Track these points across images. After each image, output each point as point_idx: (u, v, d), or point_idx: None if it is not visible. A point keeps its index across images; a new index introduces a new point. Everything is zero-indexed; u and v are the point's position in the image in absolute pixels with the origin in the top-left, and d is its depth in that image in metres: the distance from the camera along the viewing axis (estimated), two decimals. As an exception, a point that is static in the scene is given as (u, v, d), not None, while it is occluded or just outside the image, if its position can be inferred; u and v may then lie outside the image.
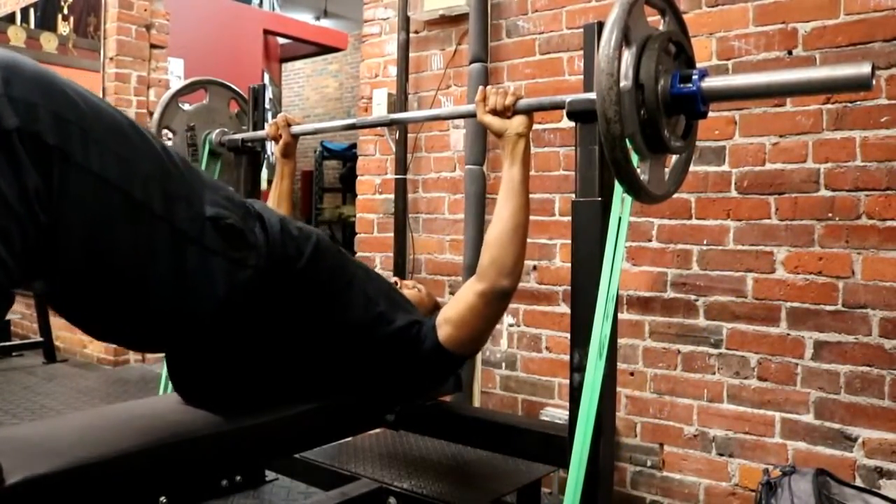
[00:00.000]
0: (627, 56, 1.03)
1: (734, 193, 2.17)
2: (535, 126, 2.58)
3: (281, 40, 7.25)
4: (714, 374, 2.20)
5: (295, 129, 1.92)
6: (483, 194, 2.64)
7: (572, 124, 1.46)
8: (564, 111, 1.41)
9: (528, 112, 1.45)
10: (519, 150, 1.43)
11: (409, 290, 1.70)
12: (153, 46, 4.39)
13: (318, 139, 9.13)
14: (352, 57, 8.49)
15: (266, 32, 6.61)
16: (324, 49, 7.61)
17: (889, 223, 1.93)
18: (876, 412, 1.94)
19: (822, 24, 2.02)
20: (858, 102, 1.97)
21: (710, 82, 1.08)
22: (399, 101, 2.91)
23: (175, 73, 5.41)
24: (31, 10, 5.19)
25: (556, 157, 2.54)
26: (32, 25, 5.26)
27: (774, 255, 2.10)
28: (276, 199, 2.00)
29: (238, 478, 1.96)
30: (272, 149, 2.07)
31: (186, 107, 2.31)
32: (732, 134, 2.18)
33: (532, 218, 2.59)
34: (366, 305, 1.42)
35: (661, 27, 1.18)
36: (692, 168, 2.23)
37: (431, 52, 2.88)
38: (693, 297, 2.24)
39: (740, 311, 2.15)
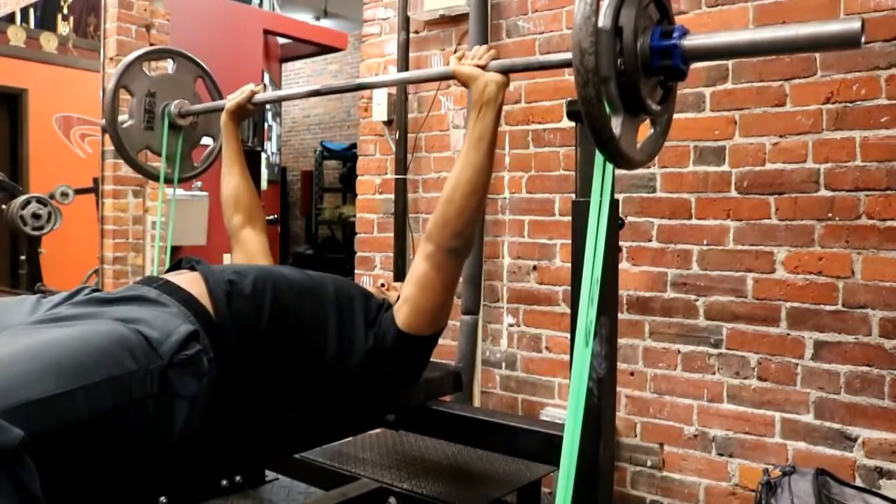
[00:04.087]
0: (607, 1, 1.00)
1: (734, 193, 2.17)
2: (536, 126, 2.59)
3: (281, 40, 7.24)
4: (714, 374, 2.20)
5: (257, 97, 1.88)
6: (483, 194, 2.63)
7: (572, 124, 1.45)
8: (564, 112, 1.41)
9: (505, 71, 1.37)
10: (491, 103, 1.34)
11: (398, 291, 1.67)
12: (153, 46, 4.38)
13: (318, 139, 9.14)
14: (352, 57, 8.48)
15: (266, 32, 6.60)
16: (324, 49, 7.60)
17: (889, 223, 1.93)
18: (876, 412, 1.94)
19: (822, 24, 2.02)
20: (858, 102, 1.97)
21: (692, 39, 1.03)
22: (399, 100, 2.91)
23: (175, 73, 5.41)
24: (31, 10, 5.19)
25: (556, 157, 2.54)
26: (32, 25, 5.26)
27: (774, 255, 2.10)
28: (226, 165, 1.89)
29: (238, 478, 1.96)
30: (271, 148, 2.03)
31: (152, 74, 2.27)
32: (732, 134, 2.18)
33: (532, 218, 2.61)
34: (339, 338, 1.37)
35: None
36: (692, 168, 2.24)
37: (431, 52, 2.88)
38: (693, 297, 2.24)
39: (740, 311, 2.15)
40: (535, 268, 2.60)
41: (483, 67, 1.36)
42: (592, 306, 1.11)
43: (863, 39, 0.89)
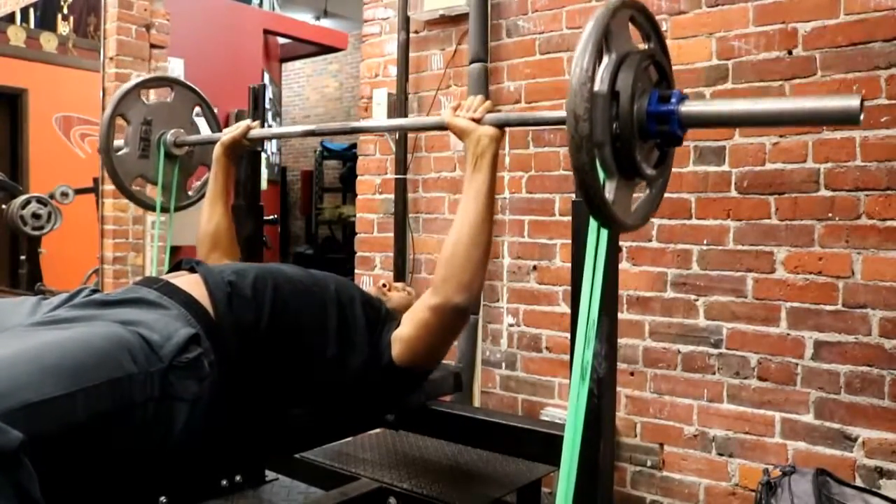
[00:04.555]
0: (606, 61, 0.98)
1: (734, 193, 2.17)
2: (536, 126, 2.58)
3: (281, 40, 7.25)
4: (714, 374, 2.20)
5: (253, 133, 1.85)
6: (483, 194, 2.64)
7: (572, 124, 1.45)
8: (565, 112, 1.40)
9: (500, 125, 1.35)
10: (486, 156, 1.32)
11: (399, 292, 1.66)
12: (153, 46, 4.38)
13: (318, 139, 9.14)
14: (352, 57, 8.49)
15: (266, 32, 6.61)
16: (324, 49, 7.61)
17: (889, 223, 1.93)
18: (876, 412, 1.94)
19: (823, 24, 2.02)
20: (858, 102, 1.97)
21: (689, 106, 1.02)
22: (399, 101, 2.91)
23: (175, 72, 5.41)
24: (31, 10, 5.19)
25: (556, 157, 2.54)
26: (32, 25, 5.26)
27: (774, 255, 2.10)
28: (210, 200, 1.85)
29: (238, 478, 1.96)
30: (272, 148, 2.01)
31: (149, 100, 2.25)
32: (732, 134, 2.18)
33: (532, 218, 2.61)
34: (339, 337, 1.36)
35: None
36: (692, 168, 2.24)
37: (431, 52, 2.88)
38: (693, 297, 2.24)
39: (740, 311, 2.15)
40: (535, 268, 2.60)
41: (478, 121, 1.34)
42: (593, 306, 1.11)
43: (861, 117, 0.89)
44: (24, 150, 5.55)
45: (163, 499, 1.47)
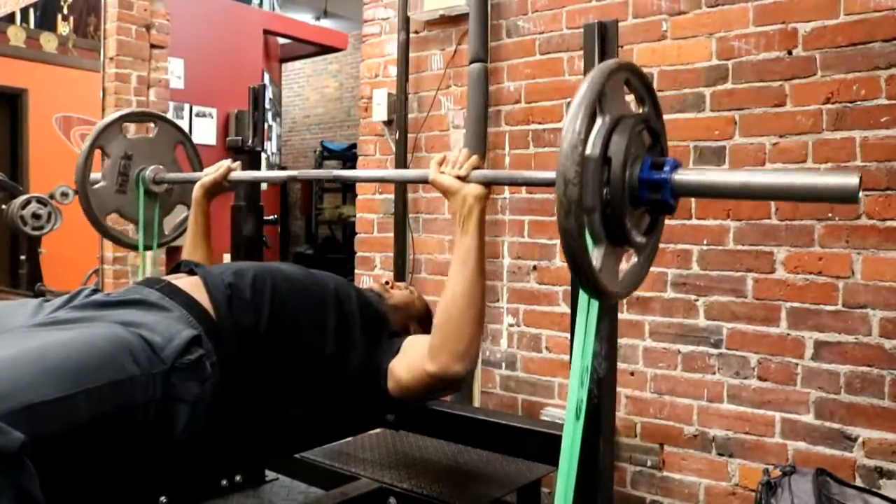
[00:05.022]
0: (599, 124, 0.95)
1: (734, 193, 2.17)
2: (536, 126, 2.59)
3: (281, 40, 7.25)
4: (714, 374, 2.20)
5: (233, 175, 1.80)
6: (483, 194, 2.64)
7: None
8: (565, 112, 1.40)
9: (486, 183, 1.30)
10: (474, 216, 1.27)
11: (401, 290, 1.66)
12: (153, 46, 4.39)
13: (318, 139, 9.14)
14: (352, 57, 8.49)
15: (266, 32, 6.61)
16: (324, 49, 7.61)
17: (889, 223, 1.93)
18: (876, 412, 1.94)
19: (822, 25, 2.02)
20: (858, 102, 1.97)
21: (683, 174, 0.98)
22: (399, 101, 2.91)
23: (175, 73, 5.42)
24: (31, 10, 5.19)
25: (556, 158, 2.54)
26: (32, 25, 5.26)
27: (774, 255, 2.10)
28: (191, 242, 1.80)
29: (238, 478, 1.96)
30: (271, 148, 1.99)
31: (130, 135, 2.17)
32: (732, 134, 2.18)
33: (532, 218, 2.61)
34: (338, 335, 1.36)
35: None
36: (692, 168, 2.23)
37: (431, 52, 2.88)
38: (693, 297, 2.24)
39: (740, 311, 2.15)
40: (535, 268, 2.60)
41: (464, 178, 1.29)
42: (592, 308, 1.10)
43: (860, 195, 0.87)
44: (24, 150, 5.55)
45: (163, 499, 1.47)
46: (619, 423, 2.35)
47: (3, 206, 4.85)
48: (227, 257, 2.67)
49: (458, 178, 1.29)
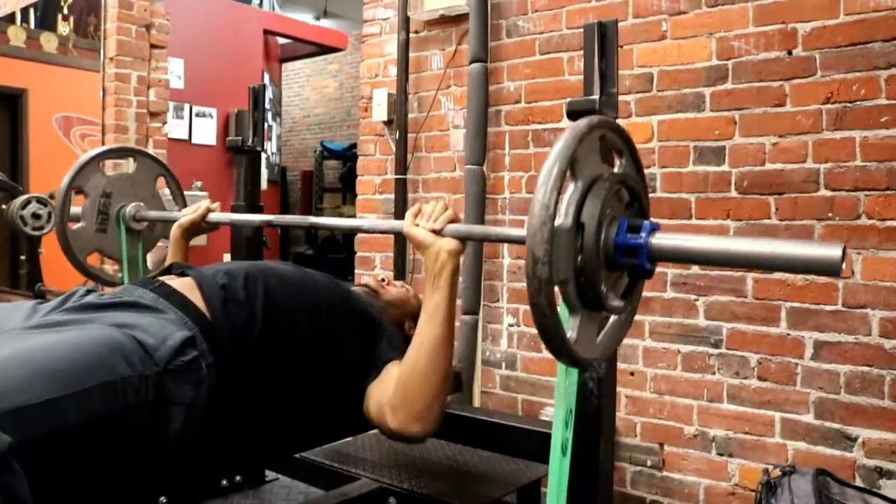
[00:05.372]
0: (572, 190, 0.92)
1: (734, 193, 2.17)
2: (536, 126, 2.59)
3: (281, 40, 7.25)
4: (714, 374, 2.20)
5: (212, 216, 1.79)
6: (483, 194, 2.64)
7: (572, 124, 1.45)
8: (564, 112, 1.40)
9: (461, 238, 1.27)
10: (445, 273, 1.24)
11: (396, 288, 1.66)
12: (153, 46, 4.39)
13: (318, 139, 9.14)
14: (352, 57, 8.49)
15: (266, 32, 6.61)
16: (324, 49, 7.61)
17: (889, 223, 1.93)
18: (876, 412, 1.94)
19: (822, 25, 2.02)
20: (858, 102, 1.97)
21: (661, 239, 0.94)
22: (399, 101, 2.91)
23: (175, 73, 5.42)
24: (31, 10, 5.19)
25: (556, 157, 2.54)
26: (32, 25, 5.26)
27: (774, 255, 2.10)
28: None
29: (238, 478, 1.96)
30: (271, 148, 1.96)
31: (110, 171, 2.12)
32: (732, 134, 2.18)
33: (532, 218, 2.60)
34: (333, 335, 1.35)
35: (616, 169, 1.04)
36: (692, 168, 2.24)
37: (431, 52, 2.88)
38: (693, 297, 2.24)
39: (740, 311, 2.15)
40: (535, 268, 2.60)
41: (438, 231, 1.27)
42: (572, 373, 1.07)
43: (843, 267, 0.83)
44: (24, 150, 5.55)
45: (163, 499, 1.47)
46: (619, 423, 2.35)
47: (3, 206, 4.85)
48: (226, 257, 2.67)
49: (433, 231, 1.27)
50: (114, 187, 1.98)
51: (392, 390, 1.27)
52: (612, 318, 1.05)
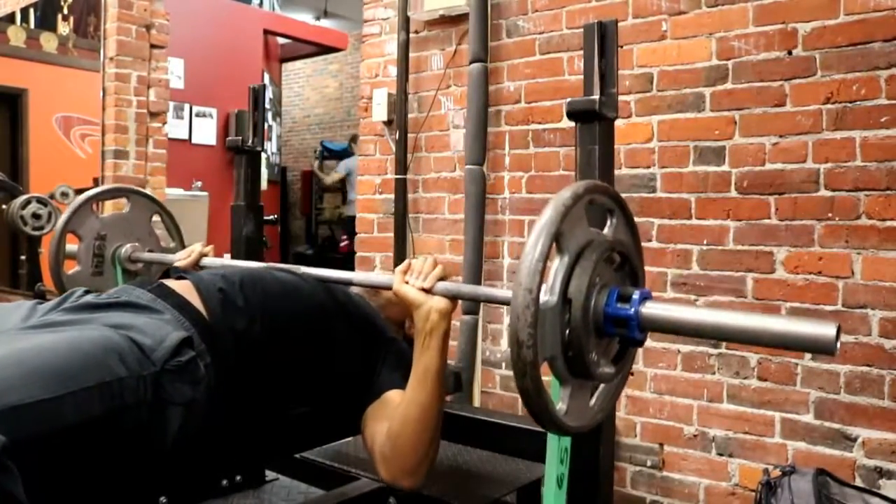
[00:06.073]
0: (558, 263, 0.90)
1: (734, 193, 2.17)
2: (536, 126, 2.59)
3: (281, 40, 7.25)
4: (714, 374, 2.20)
5: (205, 261, 1.79)
6: (483, 194, 2.64)
7: (572, 124, 1.46)
8: (564, 112, 1.40)
9: (451, 297, 1.25)
10: (436, 334, 1.23)
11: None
12: (153, 46, 4.39)
13: (318, 139, 9.14)
14: (352, 57, 8.49)
15: (266, 32, 6.62)
16: (324, 49, 7.61)
17: (889, 223, 1.93)
18: (876, 412, 1.94)
19: (822, 25, 2.02)
20: (858, 102, 1.97)
21: (652, 309, 0.92)
22: (399, 101, 2.91)
23: (175, 73, 5.42)
24: (31, 10, 5.19)
25: (556, 157, 2.54)
26: (32, 25, 5.26)
27: (774, 255, 2.10)
28: None
29: (238, 478, 1.96)
30: (271, 148, 1.97)
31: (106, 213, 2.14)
32: (732, 134, 2.18)
33: (532, 218, 2.61)
34: (332, 336, 1.35)
35: (606, 229, 1.02)
36: (692, 168, 2.24)
37: (431, 52, 2.88)
38: (693, 297, 2.24)
39: (740, 311, 2.15)
40: (535, 268, 2.59)
41: (429, 290, 1.25)
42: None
43: (838, 346, 0.80)
44: (24, 150, 5.55)
45: (163, 499, 1.47)
46: (619, 423, 2.35)
47: (3, 206, 4.85)
48: (227, 257, 2.68)
49: (423, 290, 1.25)
50: (108, 229, 1.98)
51: (384, 437, 1.27)
52: (604, 385, 1.03)
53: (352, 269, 3.15)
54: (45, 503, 0.97)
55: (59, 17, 5.05)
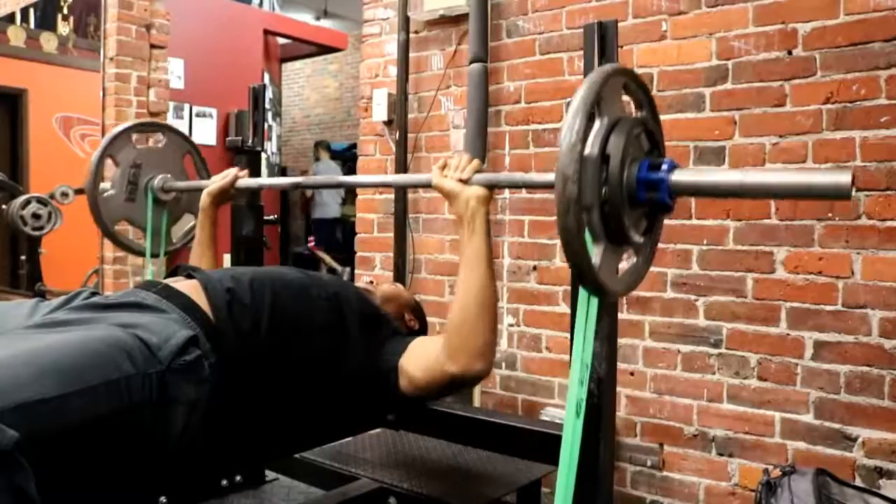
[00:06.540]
0: (598, 125, 0.96)
1: (734, 193, 2.17)
2: (536, 126, 2.59)
3: (281, 40, 7.25)
4: (714, 374, 2.20)
5: (241, 182, 1.82)
6: (483, 194, 2.64)
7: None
8: (564, 112, 1.40)
9: (489, 186, 1.31)
10: (478, 218, 1.29)
11: (387, 286, 1.69)
12: (153, 46, 4.39)
13: (318, 138, 9.14)
14: (352, 57, 8.49)
15: (266, 32, 6.61)
16: (324, 49, 7.60)
17: (889, 223, 1.93)
18: (876, 412, 1.94)
19: (822, 25, 2.02)
20: (858, 102, 1.97)
21: (680, 174, 1.00)
22: (399, 101, 2.91)
23: (175, 73, 5.41)
24: (31, 10, 5.19)
25: (556, 158, 2.54)
26: (32, 25, 5.26)
27: (774, 255, 2.10)
28: (198, 249, 1.81)
29: (238, 478, 1.96)
30: (271, 149, 1.99)
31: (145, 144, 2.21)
32: (732, 134, 2.18)
33: (532, 218, 2.61)
34: (338, 338, 1.36)
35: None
36: (692, 168, 2.24)
37: (431, 52, 2.88)
38: (693, 297, 2.24)
39: (740, 311, 2.15)
40: (535, 268, 2.60)
41: (466, 181, 1.31)
42: (592, 307, 1.10)
43: (853, 192, 0.90)
44: (24, 150, 5.55)
45: (163, 499, 1.47)
46: (619, 423, 2.35)
47: (3, 206, 4.85)
48: (227, 257, 2.68)
49: (460, 181, 1.31)
50: (143, 159, 2.04)
51: (441, 344, 1.31)
52: (633, 260, 1.10)
53: (352, 269, 3.15)
54: (47, 502, 0.97)
55: (59, 17, 5.05)
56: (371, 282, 1.69)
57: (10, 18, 5.26)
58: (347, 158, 8.26)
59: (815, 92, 2.04)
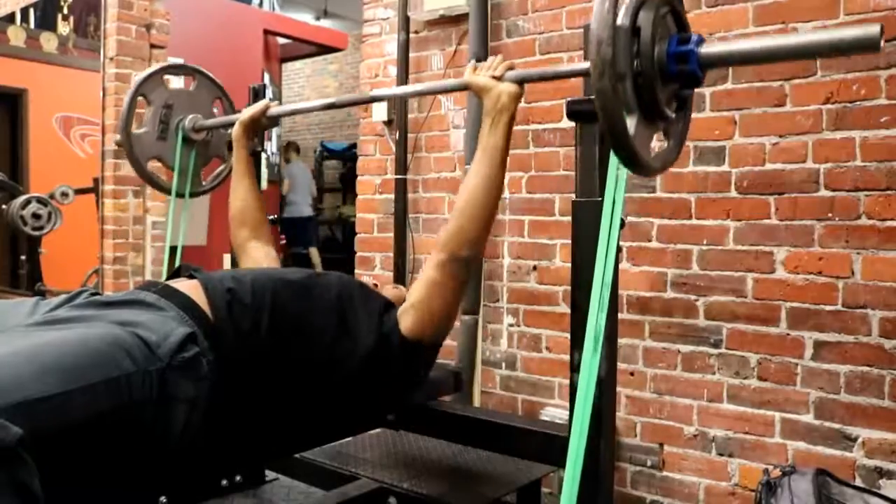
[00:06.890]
0: (627, 1, 0.99)
1: (734, 193, 2.17)
2: (536, 126, 2.59)
3: (281, 40, 7.25)
4: (714, 374, 2.20)
5: (273, 110, 1.87)
6: (483, 194, 2.64)
7: (572, 124, 1.45)
8: (564, 112, 1.40)
9: (520, 82, 1.37)
10: (505, 113, 1.35)
11: (390, 289, 1.68)
12: (153, 46, 4.38)
13: (318, 139, 9.15)
14: (352, 57, 8.50)
15: (266, 32, 6.61)
16: (324, 49, 7.61)
17: (889, 223, 1.93)
18: (876, 412, 1.94)
19: (822, 25, 2.02)
20: (858, 102, 1.97)
21: (709, 47, 1.03)
22: (399, 101, 2.91)
23: (175, 73, 5.41)
24: (31, 10, 5.19)
25: (556, 157, 2.54)
26: (32, 25, 5.27)
27: (774, 255, 2.10)
28: (237, 178, 1.86)
29: (238, 478, 1.96)
30: (271, 149, 2.01)
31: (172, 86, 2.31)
32: (732, 134, 2.18)
33: (532, 218, 2.61)
34: (341, 338, 1.36)
35: None
36: (692, 168, 2.24)
37: (431, 52, 2.88)
38: (693, 297, 2.24)
39: (740, 311, 2.15)
40: (535, 268, 2.60)
41: (498, 78, 1.37)
42: (602, 311, 1.09)
43: (882, 43, 0.89)
44: (24, 150, 5.56)
45: (163, 499, 1.47)
46: (619, 423, 2.35)
47: (3, 206, 4.86)
48: (226, 258, 2.68)
49: (493, 78, 1.36)
50: (175, 100, 2.12)
51: (431, 255, 1.38)
52: (665, 142, 1.13)
53: (352, 269, 3.15)
54: (48, 501, 0.97)
55: (59, 17, 5.06)
56: (375, 285, 1.69)
57: (10, 18, 5.27)
58: (347, 158, 8.28)
59: (815, 92, 2.04)
